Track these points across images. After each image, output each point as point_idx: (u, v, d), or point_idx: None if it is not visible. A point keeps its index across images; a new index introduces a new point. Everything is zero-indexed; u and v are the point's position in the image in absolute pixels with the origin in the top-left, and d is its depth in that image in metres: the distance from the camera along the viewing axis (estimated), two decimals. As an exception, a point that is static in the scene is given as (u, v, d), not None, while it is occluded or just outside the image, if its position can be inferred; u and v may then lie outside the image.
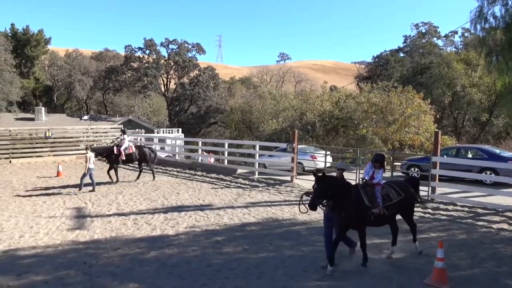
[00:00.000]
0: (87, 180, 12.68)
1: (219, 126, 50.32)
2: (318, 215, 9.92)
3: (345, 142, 24.56)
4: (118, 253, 7.24)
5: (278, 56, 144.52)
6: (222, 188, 13.55)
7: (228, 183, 14.46)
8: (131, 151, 14.43)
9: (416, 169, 15.03)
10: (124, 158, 14.26)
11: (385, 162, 7.20)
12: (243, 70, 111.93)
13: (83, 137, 22.68)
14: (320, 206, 6.38)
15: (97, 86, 51.49)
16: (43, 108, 42.61)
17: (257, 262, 6.89)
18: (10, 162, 19.15)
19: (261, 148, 17.67)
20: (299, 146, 15.13)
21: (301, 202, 6.62)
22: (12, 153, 19.76)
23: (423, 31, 51.87)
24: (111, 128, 24.76)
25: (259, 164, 16.53)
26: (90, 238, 8.14)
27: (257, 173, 15.62)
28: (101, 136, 22.97)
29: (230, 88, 54.80)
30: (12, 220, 9.32)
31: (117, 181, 14.10)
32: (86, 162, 12.59)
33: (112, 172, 14.20)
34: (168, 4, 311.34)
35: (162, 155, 22.56)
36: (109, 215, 9.87)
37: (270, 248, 7.64)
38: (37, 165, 18.86)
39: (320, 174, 6.23)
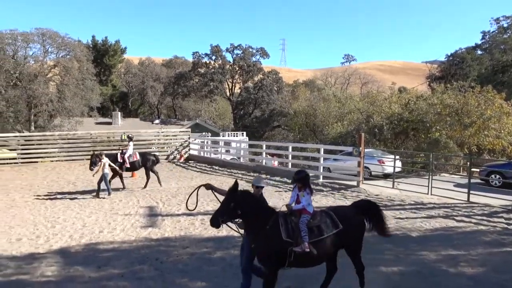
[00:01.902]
0: (102, 185, 12.67)
1: (282, 129, 50.41)
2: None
3: (415, 146, 23.30)
4: (187, 252, 7.52)
5: (343, 58, 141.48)
6: (286, 191, 13.51)
7: (292, 186, 14.36)
8: (135, 159, 14.03)
9: (498, 176, 13.80)
10: (128, 165, 13.85)
11: (309, 181, 5.43)
12: (306, 73, 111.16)
13: (155, 140, 23.99)
14: (228, 224, 5.09)
15: (167, 92, 54.25)
16: (119, 113, 45.88)
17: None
18: (91, 162, 20.80)
19: (326, 151, 17.38)
20: (365, 150, 14.64)
21: (196, 194, 5.64)
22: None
23: (505, 25, 47.66)
24: (180, 132, 25.89)
25: (323, 168, 16.26)
26: (161, 235, 8.56)
27: (321, 177, 15.37)
28: (171, 139, 24.11)
29: (294, 91, 54.74)
30: (93, 217, 10.10)
31: (124, 188, 13.67)
32: (101, 167, 12.53)
33: (116, 179, 13.64)
34: (234, 11, 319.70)
35: (227, 157, 23.15)
36: (178, 215, 10.30)
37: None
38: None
39: (232, 187, 5.05)
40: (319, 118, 37.62)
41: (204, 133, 32.49)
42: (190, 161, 22.00)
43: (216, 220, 4.97)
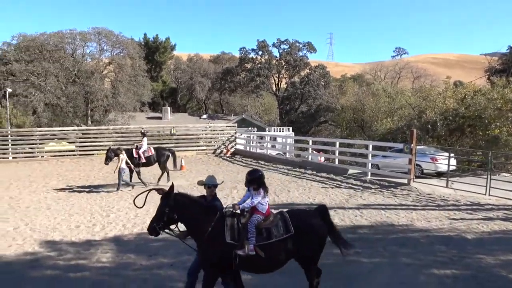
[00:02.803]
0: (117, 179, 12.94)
1: (329, 125, 49.62)
2: (439, 222, 9.09)
3: (472, 144, 21.97)
4: (232, 245, 7.63)
5: (394, 51, 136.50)
6: (332, 187, 13.31)
7: (339, 183, 14.14)
8: (150, 154, 14.01)
9: None
10: (144, 160, 13.84)
11: (264, 181, 5.03)
12: (355, 67, 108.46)
13: (202, 134, 24.53)
14: (167, 231, 4.83)
15: (215, 87, 55.19)
16: (169, 108, 47.33)
17: (370, 267, 6.58)
18: (143, 155, 21.68)
19: (374, 148, 16.88)
20: (417, 147, 14.03)
21: (145, 196, 5.13)
22: (144, 148, 22.36)
23: None
24: (226, 126, 26.28)
25: (372, 164, 15.82)
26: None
27: (369, 174, 14.96)
28: (218, 134, 24.54)
29: (341, 86, 53.60)
30: (145, 207, 10.50)
31: (143, 182, 13.53)
32: (118, 162, 12.75)
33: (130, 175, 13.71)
34: (281, 6, 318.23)
35: (273, 153, 23.17)
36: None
37: (385, 253, 7.22)
38: (163, 159, 21.00)
39: (166, 191, 4.81)
40: (368, 114, 36.57)
41: (250, 128, 32.75)
42: (236, 156, 22.28)
43: (152, 227, 4.72)
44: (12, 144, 21.41)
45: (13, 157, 21.02)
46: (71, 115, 37.88)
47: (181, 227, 4.90)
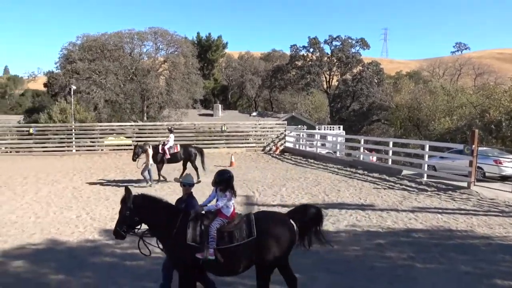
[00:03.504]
0: (146, 174, 13.07)
1: (382, 123, 48.07)
2: (503, 229, 8.48)
3: (542, 146, 20.28)
4: (281, 242, 7.61)
5: (454, 47, 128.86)
6: (385, 188, 12.86)
7: (392, 184, 13.63)
8: (176, 151, 13.99)
9: None
10: (169, 157, 13.86)
11: (233, 183, 4.93)
12: (410, 64, 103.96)
13: (252, 132, 24.73)
14: (131, 233, 4.78)
15: (265, 85, 55.41)
16: (220, 105, 48.27)
17: (425, 273, 6.28)
18: (194, 151, 22.29)
19: (431, 148, 16.06)
20: (479, 148, 13.16)
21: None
22: (196, 144, 22.96)
23: None
24: (276, 124, 26.29)
25: (428, 166, 15.07)
26: (257, 224, 8.80)
27: (425, 175, 14.27)
28: (267, 131, 24.62)
29: (396, 84, 51.62)
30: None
31: (159, 180, 13.61)
32: (146, 158, 12.99)
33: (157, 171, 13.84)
34: (333, 2, 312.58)
35: (322, 151, 22.85)
36: (273, 205, 10.48)
37: (441, 260, 6.85)
38: (214, 155, 21.43)
39: (123, 195, 4.74)
40: (424, 112, 34.95)
41: (299, 126, 32.54)
42: (285, 153, 22.23)
43: (116, 231, 4.73)
44: (75, 138, 22.91)
45: (76, 150, 22.49)
46: (129, 111, 39.81)
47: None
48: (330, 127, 38.30)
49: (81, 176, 14.96)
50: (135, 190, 10.88)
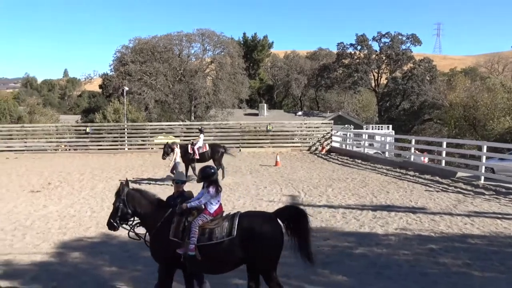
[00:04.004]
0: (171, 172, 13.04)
1: (434, 123, 45.93)
2: None
3: None
4: (328, 244, 7.48)
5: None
6: (437, 191, 12.24)
7: (445, 186, 12.95)
8: (204, 150, 14.10)
9: None
10: (197, 157, 13.95)
11: (216, 180, 4.85)
12: (466, 60, 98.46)
13: (297, 131, 24.57)
14: (123, 227, 4.89)
15: (311, 84, 54.86)
16: (265, 105, 48.43)
17: (483, 282, 5.89)
18: (240, 150, 22.54)
19: (489, 149, 15.10)
20: (545, 149, 12.17)
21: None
22: (242, 143, 23.24)
23: None
24: (322, 123, 25.93)
25: (486, 168, 14.17)
26: (302, 225, 8.70)
27: (483, 178, 13.42)
28: (313, 131, 24.33)
29: (450, 81, 49.06)
30: (241, 200, 10.92)
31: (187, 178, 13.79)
32: (173, 156, 13.13)
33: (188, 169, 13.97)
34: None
35: (370, 151, 22.22)
36: (319, 206, 10.33)
37: (501, 268, 6.39)
38: (259, 154, 21.55)
39: (118, 188, 4.85)
40: (481, 111, 32.92)
41: (346, 126, 31.88)
42: (331, 153, 21.86)
43: (110, 222, 4.86)
44: (127, 137, 23.97)
45: (128, 148, 23.52)
46: (177, 111, 41.04)
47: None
48: (379, 126, 37.14)
49: (133, 173, 15.62)
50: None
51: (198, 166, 14.01)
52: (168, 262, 4.68)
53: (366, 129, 35.17)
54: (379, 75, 51.95)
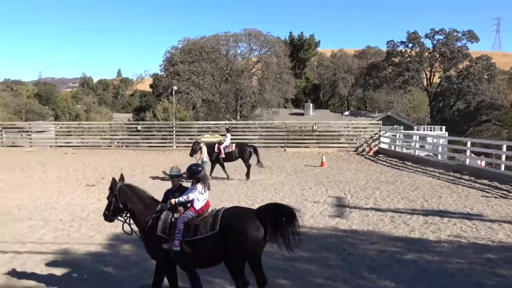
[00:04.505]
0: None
1: (493, 124, 43.19)
2: None
3: None
4: (375, 248, 7.25)
5: None
6: (496, 197, 11.47)
7: (505, 192, 12.11)
8: (231, 150, 14.07)
9: None
10: (224, 156, 13.97)
11: (203, 177, 4.94)
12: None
13: (344, 131, 24.07)
14: (119, 218, 5.15)
15: (358, 83, 53.60)
16: (311, 105, 47.96)
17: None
18: (285, 150, 22.46)
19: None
20: None
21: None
22: (287, 143, 23.15)
23: None
24: (370, 124, 25.22)
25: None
26: (348, 227, 8.51)
27: (549, 185, 12.41)
28: (360, 132, 23.74)
29: (511, 80, 45.84)
30: (286, 200, 10.84)
31: (210, 177, 13.59)
32: (200, 155, 13.35)
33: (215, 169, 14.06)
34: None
35: (421, 153, 21.29)
36: (366, 209, 10.05)
37: None
38: (304, 154, 21.36)
39: (111, 182, 5.10)
40: (547, 112, 30.50)
41: (395, 126, 30.83)
42: (379, 155, 21.20)
43: (105, 214, 5.17)
44: (176, 135, 24.69)
45: (176, 146, 24.22)
46: (223, 110, 41.68)
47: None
48: (431, 127, 35.52)
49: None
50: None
51: (226, 165, 14.42)
52: (163, 258, 4.81)
53: (417, 130, 33.76)
54: (432, 73, 49.63)
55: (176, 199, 4.90)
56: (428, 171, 15.94)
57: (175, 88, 35.97)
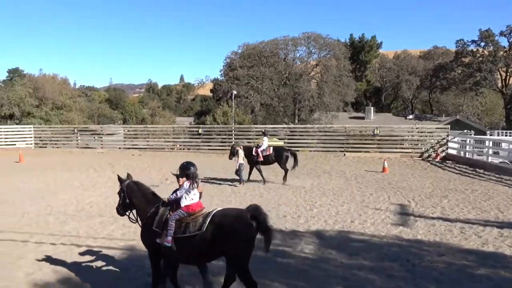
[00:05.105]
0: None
1: None
2: None
3: None
4: (442, 260, 6.80)
5: None
6: None
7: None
8: (268, 153, 13.98)
9: None
10: (261, 159, 13.93)
11: (193, 175, 5.15)
12: None
13: (408, 136, 22.99)
14: (128, 215, 5.59)
15: (424, 85, 51.07)
16: (372, 108, 46.48)
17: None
18: (344, 155, 21.94)
19: None
20: None
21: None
22: (346, 147, 22.60)
23: None
24: (436, 128, 23.85)
25: None
26: (413, 237, 8.08)
27: None
28: (426, 136, 22.52)
29: None
30: (345, 206, 10.59)
31: (248, 179, 13.99)
32: (237, 157, 13.52)
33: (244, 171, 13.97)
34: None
35: (495, 160, 19.68)
36: (432, 218, 9.47)
37: None
38: (365, 159, 20.69)
39: (119, 179, 5.61)
40: None
41: (465, 131, 28.89)
42: (447, 161, 19.94)
43: (117, 209, 5.62)
44: (235, 138, 25.15)
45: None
46: (281, 114, 41.79)
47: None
48: (506, 132, 32.75)
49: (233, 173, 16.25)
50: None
51: (264, 168, 14.46)
52: (154, 249, 5.11)
53: (490, 135, 31.31)
54: (508, 74, 45.80)
55: (169, 197, 5.20)
56: (503, 180, 14.67)
57: (235, 92, 36.71)
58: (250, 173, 14.15)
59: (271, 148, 14.39)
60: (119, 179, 5.64)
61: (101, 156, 23.23)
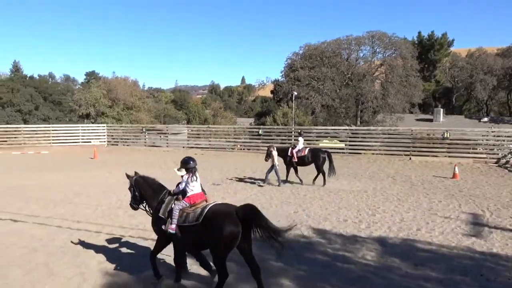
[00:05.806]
0: (272, 175, 13.71)
1: None
2: None
3: None
4: (523, 277, 6.19)
5: None
6: None
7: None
8: (303, 154, 13.95)
9: None
10: (296, 160, 13.96)
11: (192, 168, 5.72)
12: None
13: (482, 140, 21.32)
14: (142, 207, 6.23)
15: (501, 86, 47.19)
16: (441, 110, 43.81)
17: None
18: (410, 159, 20.87)
19: None
20: None
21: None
22: (412, 151, 21.48)
23: None
24: (515, 132, 21.81)
25: None
26: (487, 249, 7.45)
27: None
28: (504, 140, 20.72)
29: None
30: (411, 213, 10.05)
31: (286, 180, 14.10)
32: (272, 159, 13.60)
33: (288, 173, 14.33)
34: None
35: None
36: (510, 230, 8.66)
37: None
38: (433, 164, 19.51)
39: (128, 175, 6.22)
40: None
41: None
42: (528, 168, 18.15)
43: (131, 204, 6.22)
44: (294, 139, 24.98)
45: (295, 151, 24.51)
46: (343, 115, 40.78)
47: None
48: None
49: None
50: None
51: (300, 169, 14.30)
52: (161, 234, 5.65)
53: None
54: None
55: (173, 190, 5.80)
56: None
57: (295, 93, 36.51)
58: (287, 175, 14.27)
59: (307, 149, 14.28)
60: (127, 176, 6.22)
61: (166, 155, 24.33)
